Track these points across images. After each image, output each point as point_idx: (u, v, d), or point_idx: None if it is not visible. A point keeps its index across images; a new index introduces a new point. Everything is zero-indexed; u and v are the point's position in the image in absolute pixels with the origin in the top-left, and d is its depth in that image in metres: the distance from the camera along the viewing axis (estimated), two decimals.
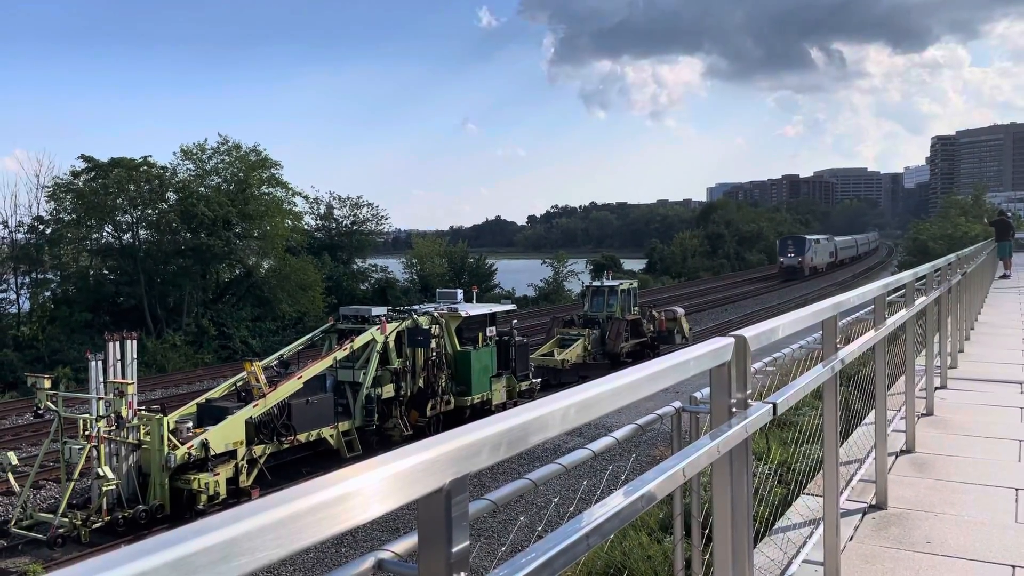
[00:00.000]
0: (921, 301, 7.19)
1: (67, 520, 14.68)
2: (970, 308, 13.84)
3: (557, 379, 26.48)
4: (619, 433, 3.25)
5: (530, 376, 24.57)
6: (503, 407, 21.91)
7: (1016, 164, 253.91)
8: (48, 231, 44.00)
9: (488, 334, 22.88)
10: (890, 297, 6.23)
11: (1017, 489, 5.85)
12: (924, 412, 8.00)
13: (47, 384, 15.71)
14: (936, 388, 8.66)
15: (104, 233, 46.32)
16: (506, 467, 16.33)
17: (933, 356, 8.45)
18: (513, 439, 1.47)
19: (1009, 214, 29.85)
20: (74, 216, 44.04)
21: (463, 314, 22.31)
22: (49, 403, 15.61)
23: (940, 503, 5.60)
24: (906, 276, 6.66)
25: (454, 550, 1.34)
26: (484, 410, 22.02)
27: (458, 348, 22.04)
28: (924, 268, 7.98)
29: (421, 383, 21.07)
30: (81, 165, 44.77)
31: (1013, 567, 4.54)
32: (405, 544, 1.80)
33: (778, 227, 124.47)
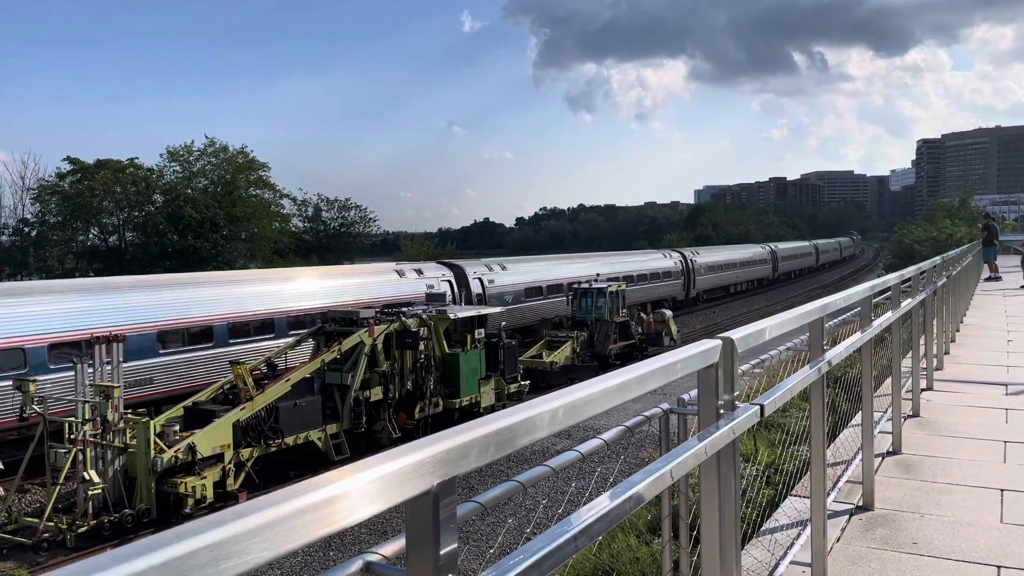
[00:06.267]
0: (907, 303, 7.23)
1: (53, 524, 14.57)
2: (956, 310, 13.94)
3: (545, 381, 26.49)
4: (607, 435, 3.26)
5: (519, 378, 24.57)
6: (492, 409, 21.89)
7: (1001, 167, 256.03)
8: (33, 233, 43.72)
9: (477, 336, 22.87)
10: (876, 299, 6.27)
11: (1002, 490, 5.89)
12: (910, 413, 8.05)
13: (33, 387, 15.59)
14: (922, 390, 8.72)
15: (90, 235, 46.05)
16: (494, 470, 16.32)
17: (919, 358, 8.50)
18: (501, 441, 1.47)
19: (993, 217, 30.05)
20: (59, 218, 43.78)
21: (451, 316, 22.28)
22: (35, 406, 15.49)
23: (926, 504, 5.64)
24: (892, 278, 6.70)
25: (442, 552, 1.34)
26: (473, 412, 21.99)
27: (446, 350, 22.00)
28: (909, 270, 8.03)
29: (409, 385, 21.03)
30: (67, 167, 44.52)
31: (998, 567, 4.58)
32: (393, 547, 1.80)
33: (765, 229, 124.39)
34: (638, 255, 51.49)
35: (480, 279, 34.09)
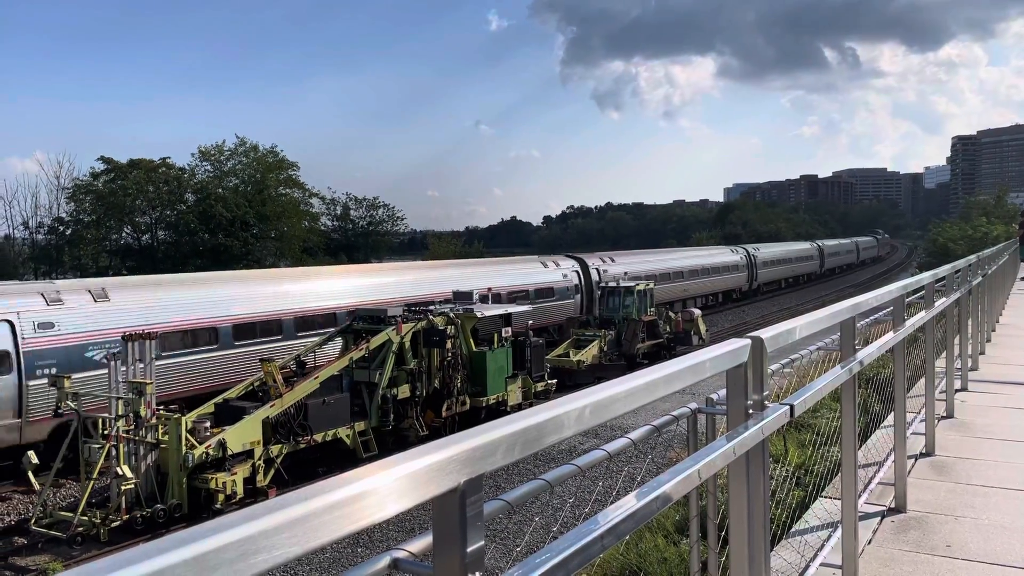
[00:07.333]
0: (941, 303, 7.11)
1: (86, 519, 14.80)
2: (991, 310, 13.70)
3: (573, 380, 26.45)
4: (635, 434, 3.24)
5: (546, 377, 24.55)
6: (519, 408, 21.89)
7: None
8: (68, 232, 44.49)
9: (503, 335, 22.88)
10: (909, 299, 6.17)
11: None
12: (944, 415, 7.93)
13: (67, 383, 15.85)
14: (956, 390, 8.58)
15: (123, 234, 46.75)
16: (521, 468, 16.32)
17: (953, 358, 8.36)
18: (528, 439, 1.47)
19: None
20: (93, 217, 44.50)
21: (479, 315, 22.31)
22: (69, 402, 15.75)
23: (960, 506, 5.55)
24: (926, 277, 6.60)
25: (469, 550, 1.35)
26: (499, 411, 22.01)
27: (473, 349, 22.04)
28: (944, 269, 7.90)
29: (437, 384, 21.09)
30: (100, 167, 45.22)
31: None
32: (420, 544, 1.80)
33: (796, 228, 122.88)
34: (503, 264, 37.13)
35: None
